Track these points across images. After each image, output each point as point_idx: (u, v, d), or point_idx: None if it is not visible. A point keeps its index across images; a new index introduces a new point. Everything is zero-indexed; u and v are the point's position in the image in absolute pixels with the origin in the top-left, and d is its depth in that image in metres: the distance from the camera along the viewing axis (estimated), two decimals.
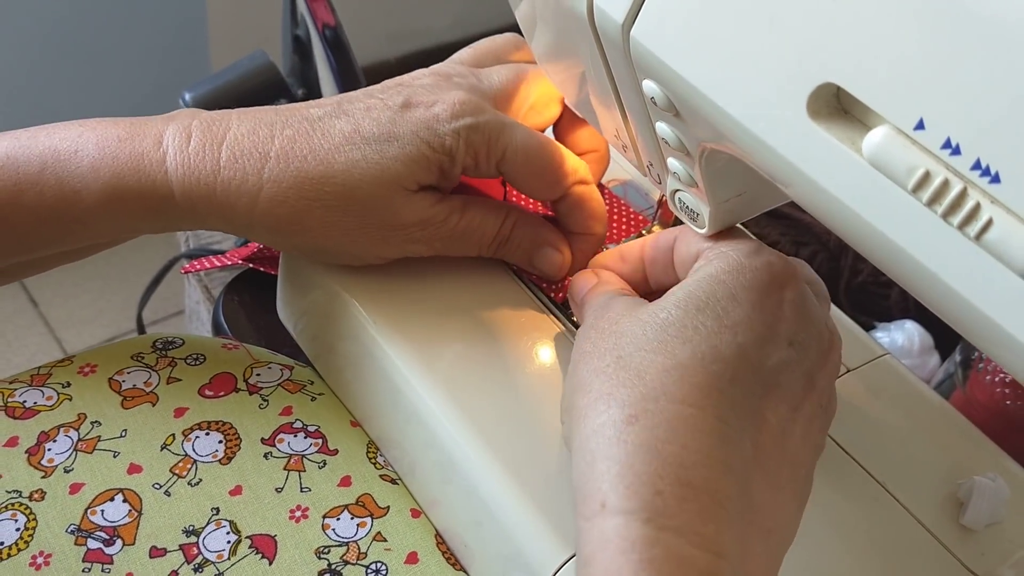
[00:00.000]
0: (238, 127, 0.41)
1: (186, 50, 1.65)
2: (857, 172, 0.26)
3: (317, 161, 0.41)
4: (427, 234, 0.44)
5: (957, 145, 0.24)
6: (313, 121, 0.42)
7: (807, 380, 0.36)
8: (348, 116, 0.42)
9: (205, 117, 0.42)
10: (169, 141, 0.41)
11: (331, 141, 0.42)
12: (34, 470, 0.42)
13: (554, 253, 0.46)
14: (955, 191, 0.24)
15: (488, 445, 0.42)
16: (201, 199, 0.41)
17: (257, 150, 0.41)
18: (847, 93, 0.26)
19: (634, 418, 0.32)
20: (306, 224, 0.42)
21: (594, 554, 0.30)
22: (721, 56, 0.29)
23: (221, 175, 0.40)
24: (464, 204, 0.45)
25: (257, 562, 0.41)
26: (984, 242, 0.24)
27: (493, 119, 0.44)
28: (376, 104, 0.43)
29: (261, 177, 0.41)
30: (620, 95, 0.38)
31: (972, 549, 0.44)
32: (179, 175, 0.40)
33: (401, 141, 0.42)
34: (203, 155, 0.40)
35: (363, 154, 0.41)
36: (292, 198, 0.41)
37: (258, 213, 0.41)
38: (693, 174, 0.37)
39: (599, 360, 0.35)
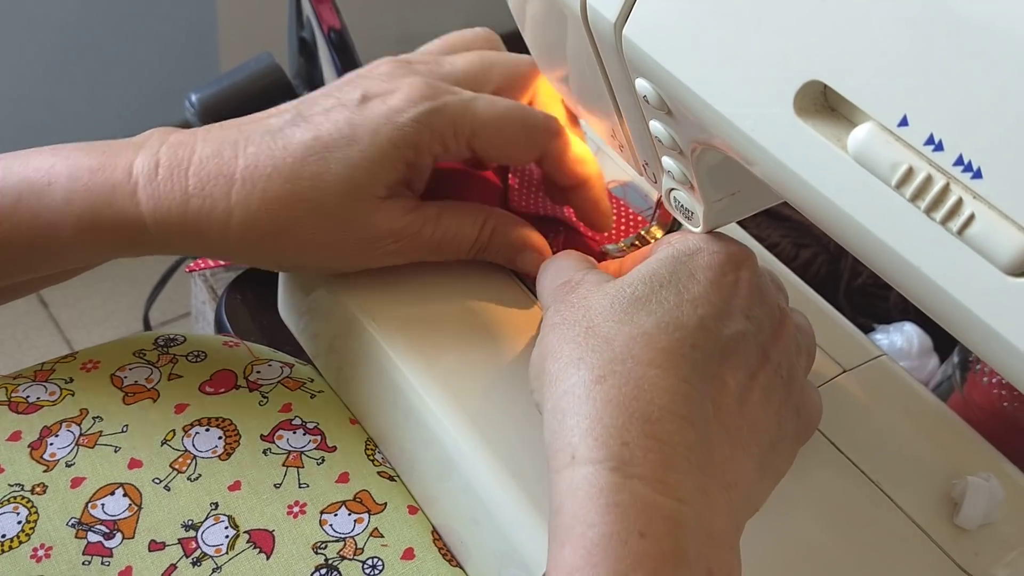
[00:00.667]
0: (202, 149, 0.41)
1: (196, 52, 1.66)
2: (843, 168, 0.27)
3: (282, 179, 0.41)
4: (402, 245, 0.44)
5: (940, 141, 0.24)
6: (274, 133, 0.42)
7: (761, 351, 0.38)
8: (307, 122, 0.42)
9: (172, 141, 0.42)
10: (139, 171, 0.41)
11: (293, 154, 0.41)
12: (36, 464, 0.43)
13: (535, 255, 0.46)
14: (938, 186, 0.25)
15: (485, 442, 0.42)
16: (174, 228, 0.41)
17: (223, 173, 0.41)
18: (833, 91, 0.27)
19: (602, 378, 0.34)
20: (280, 244, 0.42)
21: (563, 502, 0.32)
22: (711, 55, 0.30)
23: (190, 204, 0.40)
24: (439, 212, 0.45)
25: (255, 556, 0.41)
26: (966, 237, 0.24)
27: (453, 99, 0.43)
28: (333, 104, 0.43)
29: (229, 202, 0.41)
30: (615, 94, 0.38)
31: (966, 549, 0.44)
32: (150, 206, 0.40)
33: (362, 143, 0.41)
34: (171, 184, 0.40)
35: (326, 164, 0.41)
36: (263, 220, 0.41)
37: (231, 238, 0.41)
38: (687, 173, 0.37)
39: (569, 329, 0.37)
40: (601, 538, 0.31)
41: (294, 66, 0.80)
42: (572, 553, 0.31)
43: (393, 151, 0.42)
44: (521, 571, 0.40)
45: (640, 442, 0.32)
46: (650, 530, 0.31)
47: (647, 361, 0.34)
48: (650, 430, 0.33)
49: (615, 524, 0.31)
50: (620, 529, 0.31)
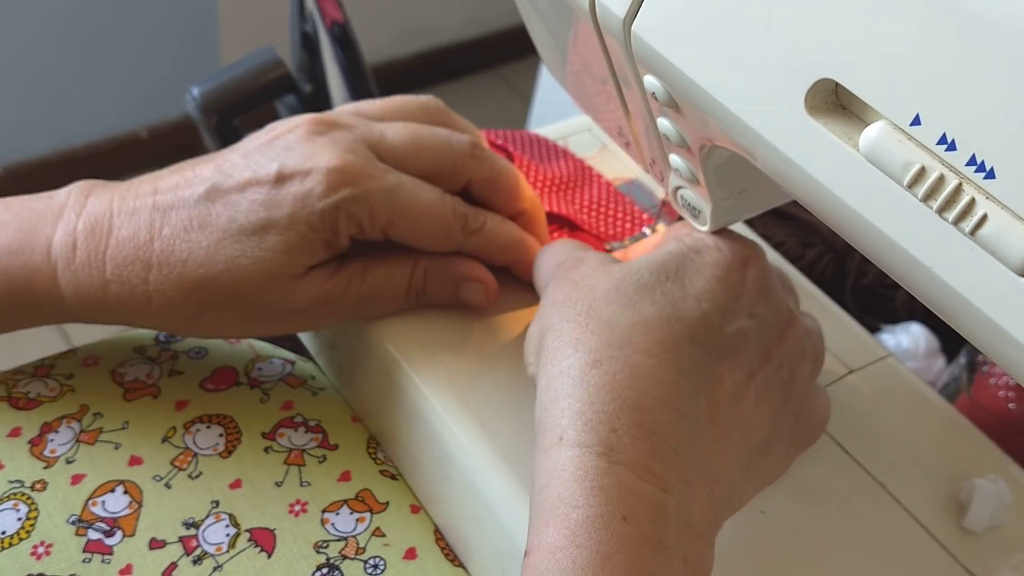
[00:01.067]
0: (119, 231, 0.40)
1: (196, 46, 1.66)
2: (854, 167, 0.26)
3: (197, 263, 0.40)
4: (330, 309, 0.43)
5: (952, 141, 0.24)
6: (190, 208, 0.41)
7: (763, 351, 0.38)
8: (223, 200, 0.41)
9: (90, 217, 0.40)
10: (57, 253, 0.40)
11: (208, 236, 0.40)
12: (36, 460, 0.42)
13: (476, 285, 0.45)
14: (950, 187, 0.24)
15: (489, 441, 0.42)
16: (96, 310, 0.41)
17: (139, 258, 0.40)
18: (844, 89, 0.26)
19: (598, 362, 0.34)
20: (200, 323, 0.42)
21: (549, 481, 0.33)
22: (720, 51, 0.29)
23: (109, 290, 0.40)
24: (364, 267, 0.43)
25: (256, 555, 0.41)
26: (979, 238, 0.24)
27: (374, 186, 0.41)
28: (249, 179, 0.41)
29: (147, 287, 0.40)
30: (622, 90, 0.38)
31: (973, 551, 0.43)
32: (70, 292, 0.40)
33: (279, 227, 0.40)
34: (89, 269, 0.40)
35: (242, 249, 0.40)
36: (180, 303, 0.40)
37: (152, 319, 0.41)
38: (695, 171, 0.37)
39: (571, 308, 0.37)
40: (585, 520, 0.31)
41: (296, 60, 0.80)
42: (556, 532, 0.31)
43: (311, 234, 0.41)
44: None
45: (629, 430, 0.33)
46: (633, 515, 0.31)
47: (645, 350, 0.34)
48: (640, 419, 0.33)
49: (599, 507, 0.31)
50: (604, 512, 0.31)
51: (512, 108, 2.13)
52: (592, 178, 0.55)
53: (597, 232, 0.52)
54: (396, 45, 1.95)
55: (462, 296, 0.45)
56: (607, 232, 0.53)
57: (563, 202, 0.53)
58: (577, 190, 0.54)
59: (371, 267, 0.44)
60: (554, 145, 0.56)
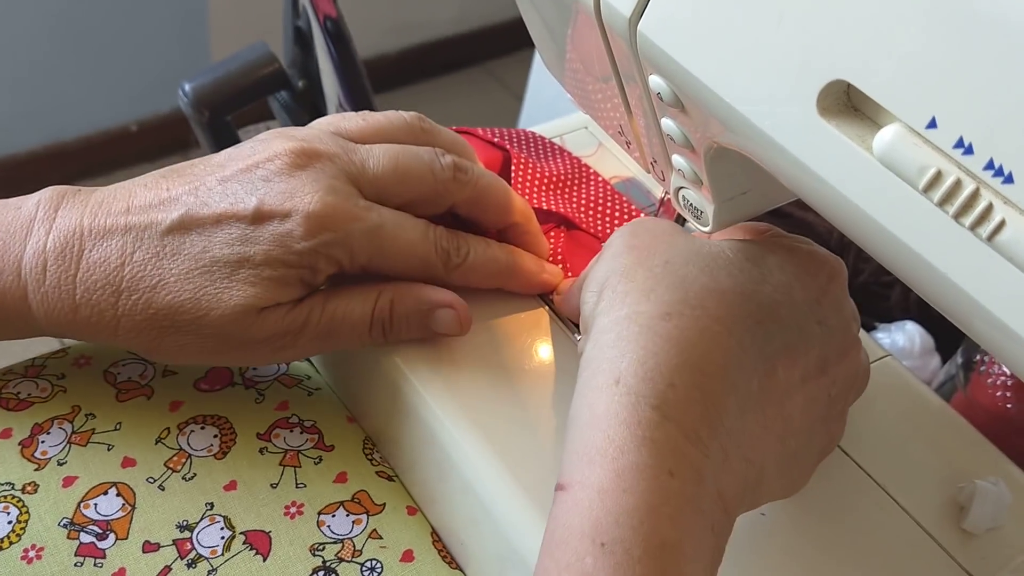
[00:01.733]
0: (89, 254, 0.40)
1: (187, 40, 1.65)
2: (867, 171, 0.26)
3: (167, 291, 0.39)
4: (289, 341, 0.41)
5: (970, 144, 0.24)
6: (162, 235, 0.40)
7: (822, 362, 0.38)
8: (198, 231, 0.40)
9: (60, 235, 0.40)
10: (27, 273, 0.39)
11: (180, 265, 0.40)
12: (27, 462, 0.42)
13: (447, 312, 0.43)
14: (967, 191, 0.24)
15: (486, 443, 0.42)
16: (66, 330, 0.40)
17: (109, 283, 0.39)
18: (857, 90, 0.26)
19: (668, 316, 0.34)
20: (164, 348, 0.41)
21: (596, 421, 0.33)
22: (730, 51, 0.29)
23: (79, 313, 0.40)
24: (325, 298, 0.42)
25: (251, 558, 0.41)
26: (996, 243, 0.24)
27: (355, 228, 0.41)
28: (227, 213, 0.40)
29: (116, 312, 0.40)
30: (625, 90, 0.37)
31: (973, 553, 0.43)
32: (41, 313, 0.40)
33: (253, 262, 0.40)
34: (59, 292, 0.39)
35: (212, 280, 0.39)
36: (147, 329, 0.40)
37: (120, 341, 0.41)
38: (698, 171, 0.37)
39: (649, 258, 0.37)
40: (632, 466, 0.31)
41: (289, 55, 0.79)
42: (602, 472, 0.32)
43: (288, 273, 0.40)
44: (521, 572, 0.40)
45: (687, 390, 0.33)
46: (678, 472, 0.32)
47: (715, 316, 0.34)
48: (698, 381, 0.33)
49: (648, 458, 0.32)
50: (652, 463, 0.32)
51: (501, 103, 2.12)
52: (589, 176, 0.55)
53: (594, 231, 0.52)
54: (386, 40, 1.94)
55: (433, 325, 0.43)
56: (604, 231, 0.52)
57: (560, 200, 0.52)
58: (574, 188, 0.53)
59: (333, 297, 0.42)
60: (551, 143, 0.56)
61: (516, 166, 0.52)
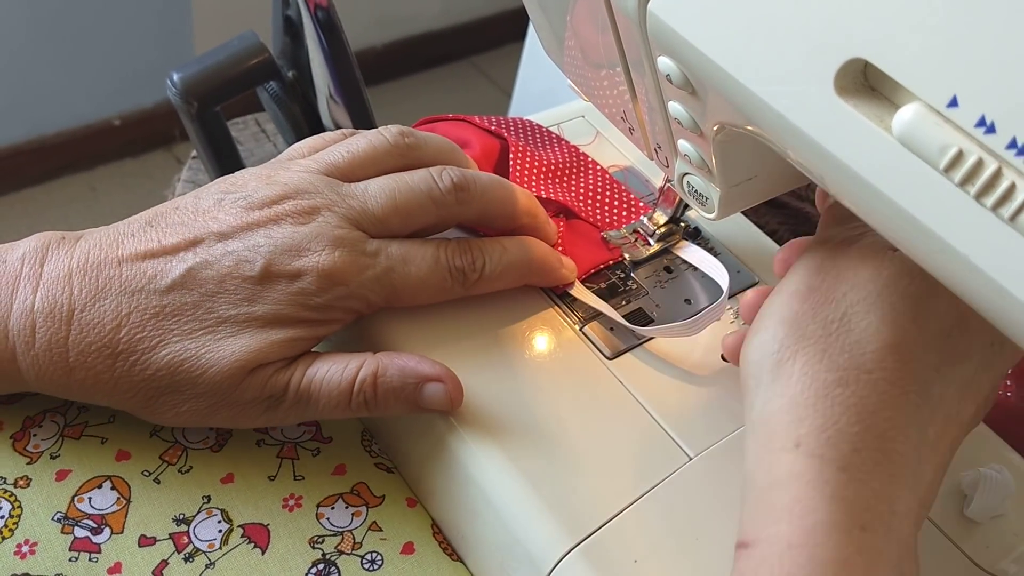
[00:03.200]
0: (81, 314, 0.38)
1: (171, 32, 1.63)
2: (886, 151, 0.25)
3: (167, 350, 0.39)
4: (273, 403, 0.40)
5: (992, 123, 0.23)
6: (162, 294, 0.39)
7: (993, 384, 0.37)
8: (201, 290, 0.39)
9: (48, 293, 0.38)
10: (15, 336, 0.38)
11: (182, 325, 0.39)
12: (19, 456, 0.41)
13: (436, 387, 0.41)
14: (989, 171, 0.24)
15: (486, 434, 0.41)
16: (59, 391, 0.39)
17: (105, 346, 0.38)
18: (875, 69, 0.25)
19: (845, 383, 0.34)
20: (159, 408, 0.40)
21: (780, 481, 0.33)
22: (743, 31, 0.28)
23: (74, 376, 0.39)
24: (310, 361, 0.41)
25: (249, 552, 0.40)
26: (1019, 223, 0.23)
27: (367, 278, 0.41)
28: (232, 274, 0.39)
29: (113, 374, 0.39)
30: (631, 73, 0.37)
31: (977, 541, 0.43)
32: (32, 375, 0.39)
33: (262, 319, 0.39)
34: (50, 355, 0.38)
35: (216, 338, 0.39)
36: (144, 388, 0.39)
37: (115, 402, 0.40)
38: (705, 157, 0.36)
39: (825, 307, 0.35)
40: (823, 523, 0.32)
41: (278, 45, 0.78)
42: (791, 530, 0.32)
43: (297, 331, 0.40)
44: (523, 563, 0.39)
45: (871, 454, 0.33)
46: (869, 527, 0.32)
47: (893, 380, 0.34)
48: (882, 446, 0.33)
49: (839, 514, 0.32)
50: (844, 520, 0.32)
51: (488, 97, 2.12)
52: (587, 165, 0.54)
53: (593, 219, 0.52)
54: (372, 34, 1.93)
55: (424, 402, 0.41)
56: (603, 220, 0.52)
57: (559, 189, 0.52)
58: (573, 177, 0.53)
59: (315, 363, 0.41)
60: (548, 132, 0.55)
61: (515, 155, 0.51)
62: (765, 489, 0.34)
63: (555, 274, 0.47)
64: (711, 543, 0.39)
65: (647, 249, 0.51)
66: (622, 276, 0.50)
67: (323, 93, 0.75)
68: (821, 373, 0.34)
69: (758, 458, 0.34)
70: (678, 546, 0.39)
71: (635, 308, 0.48)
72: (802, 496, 0.32)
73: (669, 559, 0.38)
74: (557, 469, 0.40)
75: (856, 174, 0.27)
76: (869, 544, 0.32)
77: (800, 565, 0.31)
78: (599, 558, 0.38)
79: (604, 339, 0.46)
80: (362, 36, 1.91)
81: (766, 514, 0.33)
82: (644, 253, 0.51)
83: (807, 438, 0.33)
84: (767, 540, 0.32)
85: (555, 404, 0.43)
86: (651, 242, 0.51)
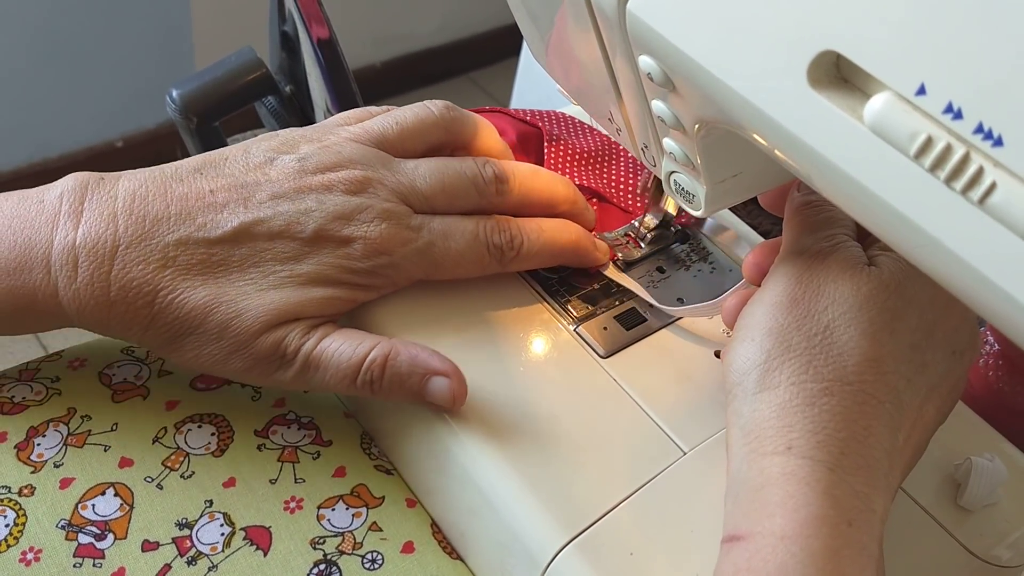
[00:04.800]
0: (126, 251, 0.39)
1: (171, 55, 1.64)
2: (859, 141, 0.26)
3: (206, 292, 0.40)
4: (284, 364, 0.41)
5: (959, 109, 0.24)
6: (211, 244, 0.40)
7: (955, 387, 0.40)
8: (250, 245, 0.40)
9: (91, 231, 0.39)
10: (56, 270, 0.39)
11: (226, 275, 0.40)
12: (23, 465, 0.41)
13: (441, 381, 0.42)
14: (957, 156, 0.24)
15: (484, 433, 0.42)
16: (97, 325, 0.40)
17: (147, 283, 0.39)
18: (847, 60, 0.26)
19: (830, 392, 0.36)
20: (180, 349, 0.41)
21: (774, 480, 0.35)
22: (719, 27, 0.29)
23: (114, 309, 0.40)
24: (326, 332, 0.42)
25: (252, 554, 0.40)
26: (988, 206, 0.24)
27: (410, 250, 0.43)
28: (284, 233, 0.41)
29: (151, 310, 0.40)
30: (615, 74, 0.37)
31: (970, 529, 0.43)
32: (73, 308, 0.40)
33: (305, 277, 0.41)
34: (92, 289, 0.39)
35: (257, 288, 0.40)
36: (175, 328, 0.40)
37: (146, 339, 0.41)
38: (689, 154, 0.37)
39: (808, 321, 0.37)
40: (815, 517, 0.33)
41: (276, 60, 0.79)
42: (784, 522, 0.33)
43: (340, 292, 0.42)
44: (522, 561, 0.40)
45: (855, 458, 0.35)
46: (856, 522, 0.34)
47: (872, 392, 0.36)
48: (864, 451, 0.35)
49: (830, 509, 0.34)
50: (833, 515, 0.33)
51: None
52: (618, 152, 0.56)
53: (624, 204, 0.54)
54: (371, 52, 1.95)
55: (427, 394, 0.42)
56: (634, 204, 0.54)
57: (592, 175, 0.54)
58: (605, 164, 0.55)
59: (331, 334, 0.42)
60: (580, 122, 0.58)
61: (549, 143, 0.54)
62: (757, 488, 0.35)
63: (590, 255, 0.49)
64: (706, 535, 0.39)
65: (639, 251, 0.51)
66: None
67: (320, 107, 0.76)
68: (807, 383, 0.36)
69: (749, 461, 0.36)
70: (673, 538, 0.39)
71: (628, 308, 0.49)
72: (795, 492, 0.34)
73: (664, 551, 0.39)
74: (554, 466, 0.41)
75: (831, 164, 0.27)
76: (855, 538, 0.34)
77: (793, 554, 0.33)
78: (595, 551, 0.38)
79: (598, 338, 0.47)
80: (361, 55, 1.92)
81: (759, 509, 0.34)
82: (636, 255, 0.51)
83: (798, 442, 0.35)
84: (761, 533, 0.34)
85: (551, 403, 0.43)
86: (642, 245, 0.52)
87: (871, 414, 0.36)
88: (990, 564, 0.43)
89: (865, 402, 0.36)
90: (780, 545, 0.33)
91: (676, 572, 0.38)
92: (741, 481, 0.36)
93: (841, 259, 0.38)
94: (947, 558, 0.43)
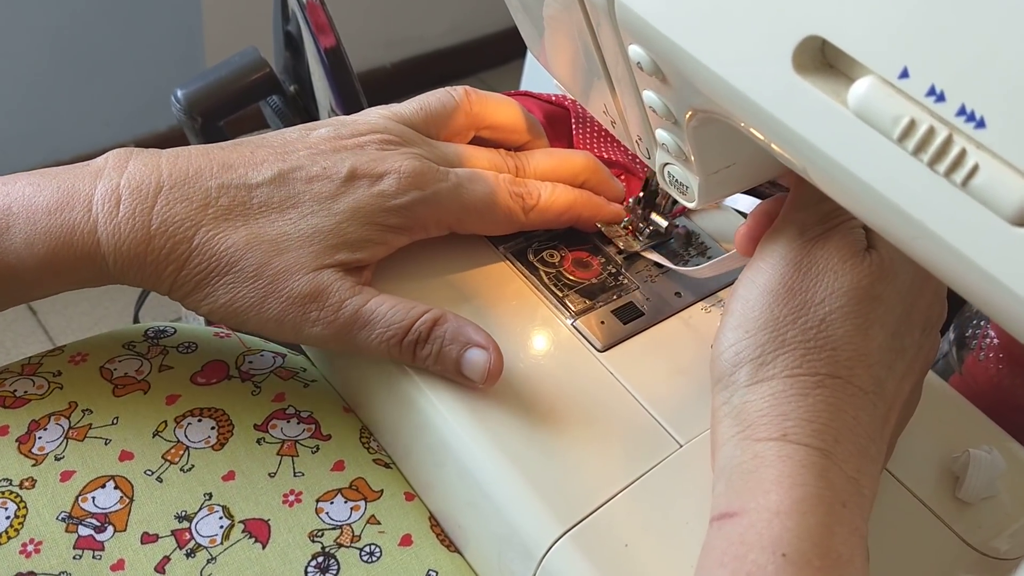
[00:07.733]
0: (170, 191, 0.41)
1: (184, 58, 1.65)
2: (843, 124, 0.26)
3: (247, 230, 0.41)
4: (324, 315, 0.42)
5: (941, 92, 0.24)
6: (252, 188, 0.42)
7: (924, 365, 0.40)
8: (289, 187, 0.42)
9: (135, 175, 0.41)
10: (98, 208, 0.40)
11: (266, 212, 0.42)
12: (24, 458, 0.42)
13: (480, 353, 0.42)
14: (940, 138, 0.24)
15: (482, 427, 0.42)
16: (131, 266, 0.41)
17: (189, 218, 0.41)
18: (832, 45, 0.26)
19: (822, 383, 0.36)
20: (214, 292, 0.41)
21: (769, 462, 0.35)
22: (706, 14, 0.29)
23: (153, 243, 0.40)
24: (376, 292, 0.43)
25: (250, 546, 0.41)
26: (971, 188, 0.24)
27: (443, 188, 0.45)
28: (320, 175, 0.43)
29: (190, 246, 0.40)
30: (607, 66, 0.38)
31: (968, 522, 0.43)
32: (111, 245, 0.40)
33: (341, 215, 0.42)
34: (132, 222, 0.40)
35: (296, 227, 0.42)
36: (211, 266, 0.41)
37: (180, 279, 0.41)
38: (682, 145, 0.37)
39: (805, 313, 0.37)
40: (811, 496, 0.34)
41: (280, 60, 0.80)
42: (779, 499, 0.34)
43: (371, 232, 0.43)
44: (520, 554, 0.40)
45: (846, 446, 0.36)
46: (849, 504, 0.35)
47: (860, 386, 0.37)
48: (855, 439, 0.36)
49: (825, 490, 0.34)
50: (828, 495, 0.34)
51: None
52: None
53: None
54: (382, 54, 1.96)
55: (463, 365, 0.42)
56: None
57: (619, 150, 0.56)
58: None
59: (381, 295, 0.43)
60: None
61: (576, 120, 0.56)
62: (751, 471, 0.35)
63: (604, 209, 0.50)
64: (700, 528, 0.39)
65: (638, 244, 0.52)
66: (613, 272, 0.50)
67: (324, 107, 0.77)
68: (801, 376, 0.36)
69: (742, 447, 0.36)
70: (668, 530, 0.39)
71: (626, 302, 0.49)
72: (791, 472, 0.34)
73: (659, 543, 0.39)
74: (551, 459, 0.41)
75: (816, 149, 0.27)
76: (848, 519, 0.34)
77: (788, 528, 0.33)
78: (590, 543, 0.38)
79: (595, 332, 0.47)
80: (372, 57, 1.93)
81: (754, 488, 0.35)
82: (636, 246, 0.51)
83: (793, 430, 0.35)
84: (755, 509, 0.34)
85: (548, 395, 0.43)
86: (640, 238, 0.52)
87: (859, 404, 0.37)
88: (988, 556, 0.42)
89: (854, 394, 0.37)
90: (775, 520, 0.34)
91: (670, 564, 0.38)
92: (733, 466, 0.36)
93: (842, 244, 0.38)
94: (945, 551, 0.42)
